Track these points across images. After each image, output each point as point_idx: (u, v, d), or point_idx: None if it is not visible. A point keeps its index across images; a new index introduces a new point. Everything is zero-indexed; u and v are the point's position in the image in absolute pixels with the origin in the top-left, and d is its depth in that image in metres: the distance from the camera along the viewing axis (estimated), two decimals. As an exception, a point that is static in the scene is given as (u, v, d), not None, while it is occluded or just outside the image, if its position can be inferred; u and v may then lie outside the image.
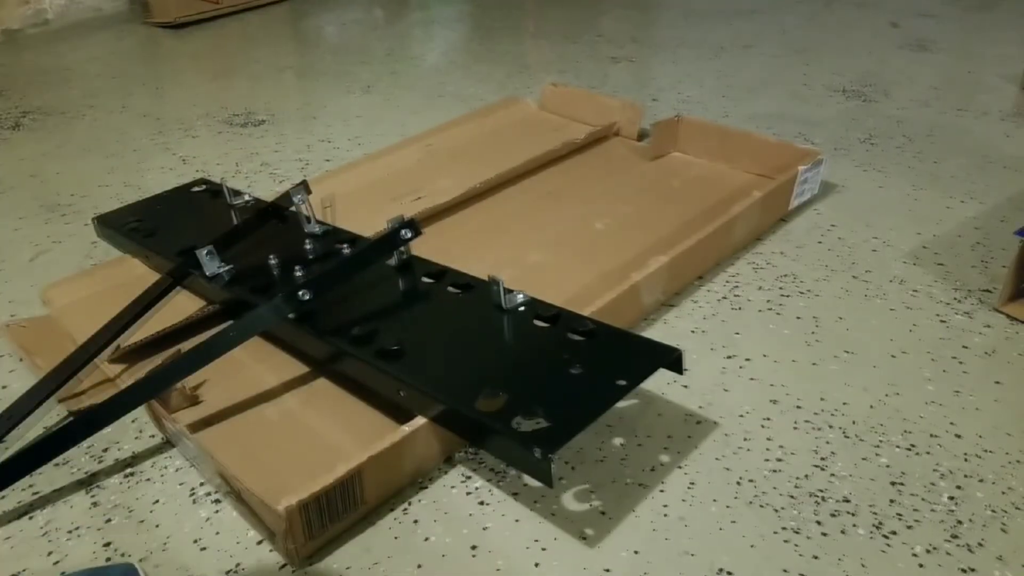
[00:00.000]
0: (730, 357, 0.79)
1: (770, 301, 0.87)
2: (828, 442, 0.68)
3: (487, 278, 0.74)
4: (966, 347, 0.79)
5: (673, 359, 0.65)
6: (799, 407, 0.72)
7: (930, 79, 1.50)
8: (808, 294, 0.88)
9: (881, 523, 0.61)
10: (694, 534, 0.60)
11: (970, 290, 0.88)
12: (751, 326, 0.83)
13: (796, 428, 0.70)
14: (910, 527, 0.60)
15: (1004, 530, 0.60)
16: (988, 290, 0.87)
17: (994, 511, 0.61)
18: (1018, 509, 0.61)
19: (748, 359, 0.78)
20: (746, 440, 0.69)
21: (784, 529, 0.60)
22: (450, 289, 0.77)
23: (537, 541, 0.60)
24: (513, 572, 0.58)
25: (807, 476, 0.65)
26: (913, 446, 0.68)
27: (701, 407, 0.72)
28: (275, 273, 0.82)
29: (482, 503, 0.63)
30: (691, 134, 1.16)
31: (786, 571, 0.57)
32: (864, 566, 0.57)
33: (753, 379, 0.76)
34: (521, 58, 1.71)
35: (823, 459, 0.66)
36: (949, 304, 0.86)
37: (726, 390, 0.74)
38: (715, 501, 0.63)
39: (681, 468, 0.66)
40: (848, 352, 0.79)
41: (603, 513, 0.62)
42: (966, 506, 0.62)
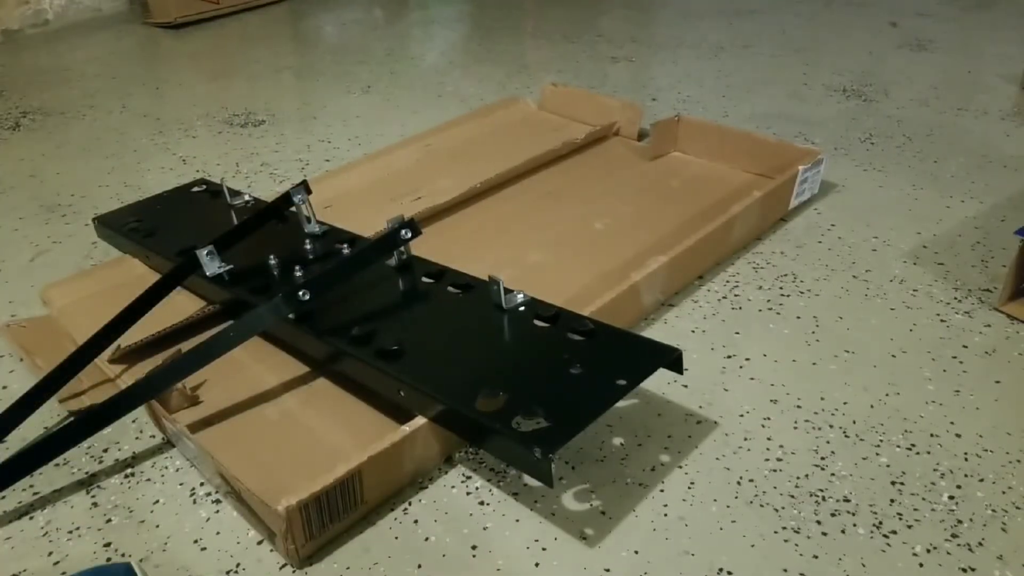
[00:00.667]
0: (730, 357, 0.79)
1: (770, 301, 0.87)
2: (828, 442, 0.68)
3: (487, 278, 0.74)
4: (966, 347, 0.79)
5: (673, 359, 0.65)
6: (799, 407, 0.72)
7: (930, 79, 1.50)
8: (808, 294, 0.88)
9: (881, 522, 0.61)
10: (694, 534, 0.60)
11: (970, 290, 0.88)
12: (751, 326, 0.83)
13: (796, 428, 0.70)
14: (910, 527, 0.60)
15: (1004, 529, 0.60)
16: (988, 290, 0.87)
17: (994, 510, 0.61)
18: (1018, 508, 0.61)
19: (748, 359, 0.78)
20: (746, 440, 0.69)
21: (784, 529, 0.60)
22: (450, 289, 0.77)
23: (537, 541, 0.60)
24: (513, 572, 0.58)
25: (807, 476, 0.65)
26: (913, 446, 0.68)
27: (701, 407, 0.72)
28: (275, 273, 0.83)
29: (482, 503, 0.63)
30: (691, 134, 1.16)
31: (786, 571, 0.57)
32: (864, 566, 0.57)
33: (753, 379, 0.76)
34: (521, 58, 1.71)
35: (823, 459, 0.66)
36: (949, 304, 0.86)
37: (726, 390, 0.74)
38: (715, 501, 0.63)
39: (681, 468, 0.66)
40: (848, 352, 0.79)
41: (603, 513, 0.62)
42: (966, 505, 0.62)
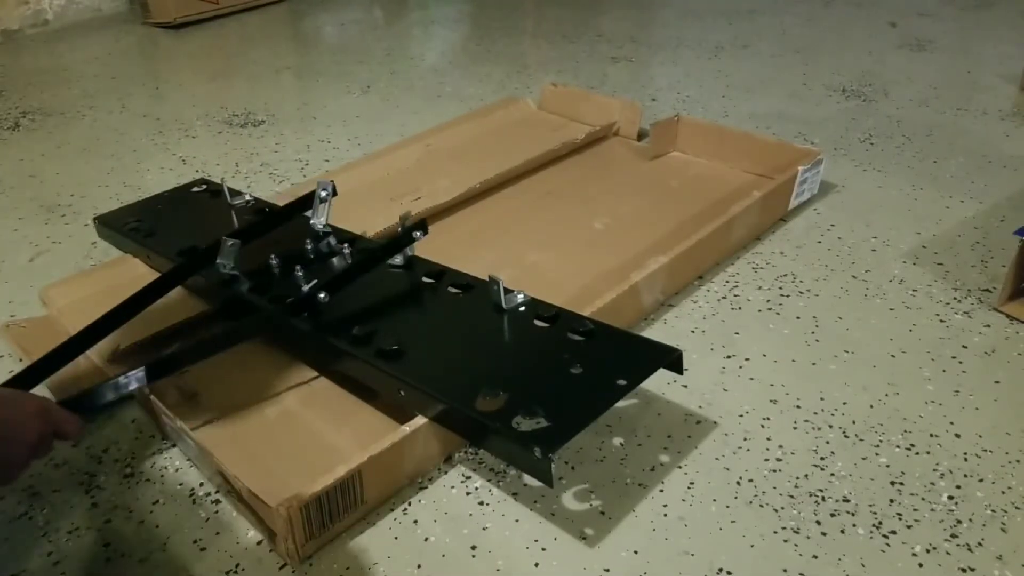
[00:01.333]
0: (729, 357, 0.79)
1: (769, 301, 0.87)
2: (828, 442, 0.68)
3: (487, 278, 0.74)
4: (965, 347, 0.79)
5: (673, 359, 0.65)
6: (798, 407, 0.72)
7: (929, 79, 1.50)
8: (807, 294, 0.88)
9: (880, 523, 0.61)
10: (694, 534, 0.60)
11: (969, 290, 0.88)
12: (750, 326, 0.83)
13: (796, 428, 0.70)
14: (910, 527, 0.60)
15: (1004, 529, 0.60)
16: (987, 290, 0.87)
17: (994, 511, 0.61)
18: (1018, 509, 0.62)
19: (747, 359, 0.78)
20: (746, 440, 0.69)
21: (784, 529, 0.60)
22: (450, 289, 0.77)
23: (537, 541, 0.60)
24: (513, 572, 0.58)
25: (807, 476, 0.65)
26: (913, 446, 0.68)
27: (701, 407, 0.72)
28: (276, 273, 0.82)
29: (482, 503, 0.64)
30: (690, 134, 1.16)
31: (786, 571, 0.57)
32: (864, 566, 0.57)
33: (752, 379, 0.76)
34: (520, 58, 1.71)
35: (823, 459, 0.67)
36: (949, 304, 0.86)
37: (726, 390, 0.74)
38: (715, 501, 0.63)
39: (681, 468, 0.66)
40: (847, 352, 0.79)
41: (603, 513, 0.62)
42: (966, 506, 0.62)
